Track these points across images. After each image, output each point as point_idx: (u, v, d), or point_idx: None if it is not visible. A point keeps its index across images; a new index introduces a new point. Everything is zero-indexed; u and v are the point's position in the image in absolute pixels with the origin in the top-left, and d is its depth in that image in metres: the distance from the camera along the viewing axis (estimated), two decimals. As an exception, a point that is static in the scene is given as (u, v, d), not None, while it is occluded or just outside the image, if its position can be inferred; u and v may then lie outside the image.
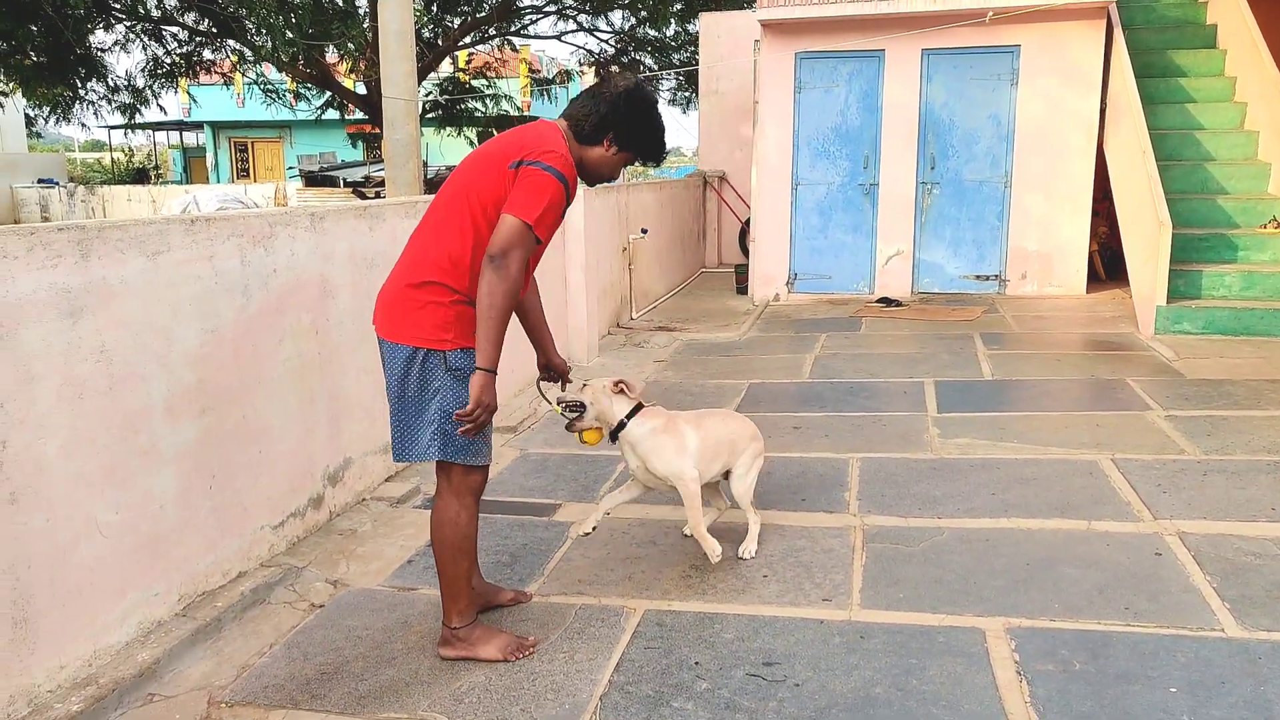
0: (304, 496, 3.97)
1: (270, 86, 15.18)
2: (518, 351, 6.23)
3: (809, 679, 2.87)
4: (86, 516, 2.84)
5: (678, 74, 21.47)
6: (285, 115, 20.02)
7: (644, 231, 9.30)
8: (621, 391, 3.37)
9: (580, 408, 3.32)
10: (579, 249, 7.12)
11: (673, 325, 8.87)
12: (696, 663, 2.98)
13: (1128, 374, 6.36)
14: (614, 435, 3.40)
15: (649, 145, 3.05)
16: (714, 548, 3.51)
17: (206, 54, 12.95)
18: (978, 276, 9.95)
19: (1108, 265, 10.32)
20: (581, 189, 7.01)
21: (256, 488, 3.64)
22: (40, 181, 25.65)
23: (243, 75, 15.71)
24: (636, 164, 3.17)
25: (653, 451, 3.41)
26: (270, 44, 10.99)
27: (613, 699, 2.80)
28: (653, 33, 21.09)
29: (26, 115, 24.13)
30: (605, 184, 3.27)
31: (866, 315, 9.11)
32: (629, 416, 3.38)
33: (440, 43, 19.69)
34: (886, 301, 9.69)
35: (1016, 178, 9.72)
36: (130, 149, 35.77)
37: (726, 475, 3.71)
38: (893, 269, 10.08)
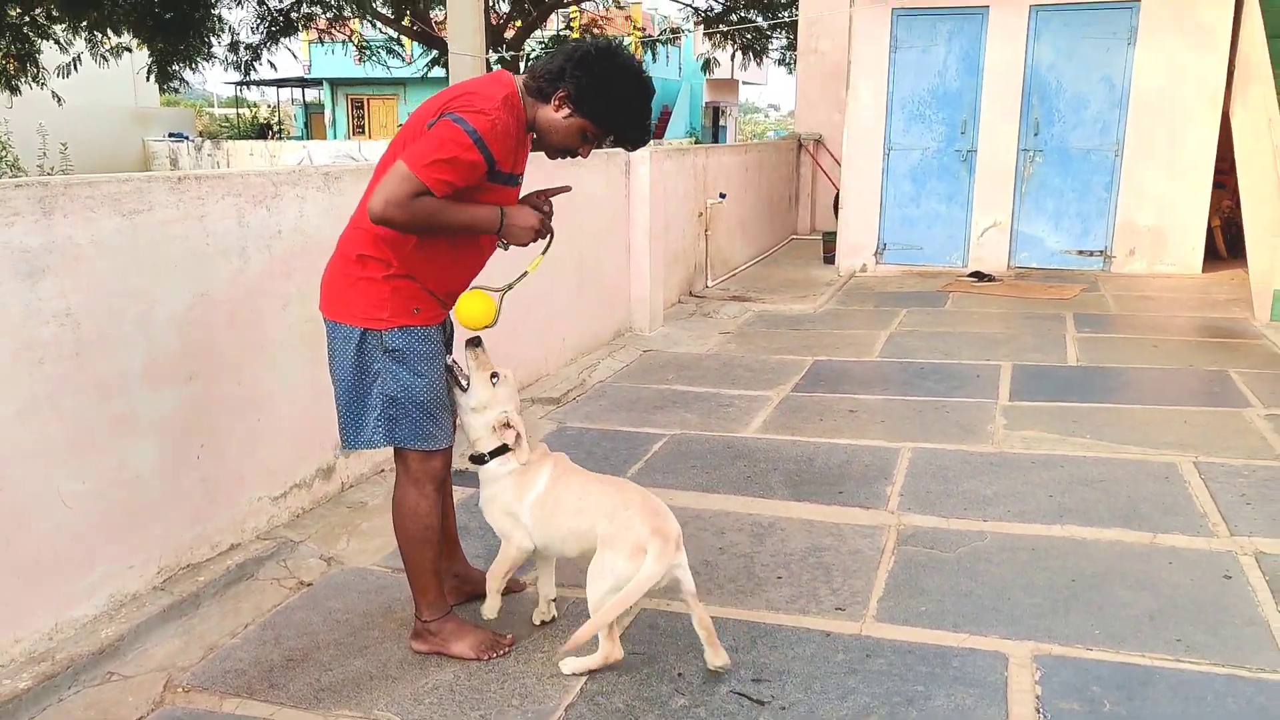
0: (311, 466, 3.85)
1: (366, 44, 15.19)
2: (571, 319, 6.06)
3: (798, 701, 2.59)
4: (46, 485, 2.75)
5: (785, 33, 20.77)
6: (404, 73, 19.88)
7: (722, 196, 8.94)
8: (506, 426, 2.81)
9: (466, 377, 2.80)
10: (643, 213, 6.84)
11: (748, 295, 8.52)
12: (680, 674, 2.73)
13: (1231, 365, 5.76)
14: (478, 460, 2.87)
15: (611, 114, 2.58)
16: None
17: (307, 9, 13.05)
18: (1080, 252, 9.27)
19: (1230, 243, 9.50)
20: (646, 152, 6.72)
21: (254, 457, 3.52)
22: (170, 135, 26.44)
23: (338, 32, 15.83)
24: (613, 145, 2.77)
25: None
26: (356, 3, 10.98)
27: (579, 710, 2.58)
28: (763, -12, 20.44)
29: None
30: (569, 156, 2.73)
31: (955, 290, 8.58)
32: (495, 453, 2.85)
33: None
34: (979, 276, 9.11)
35: (1129, 146, 8.96)
36: (256, 105, 36.73)
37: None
38: (988, 241, 9.47)
